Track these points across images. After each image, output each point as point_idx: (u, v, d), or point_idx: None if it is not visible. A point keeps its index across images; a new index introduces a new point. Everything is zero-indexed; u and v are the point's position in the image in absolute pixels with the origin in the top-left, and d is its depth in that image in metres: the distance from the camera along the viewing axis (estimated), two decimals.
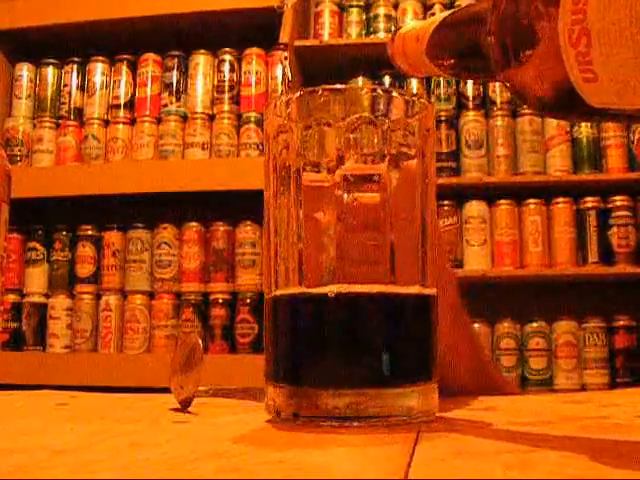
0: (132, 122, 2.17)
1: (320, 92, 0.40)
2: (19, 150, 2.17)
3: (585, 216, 2.05)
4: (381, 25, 2.19)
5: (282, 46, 2.06)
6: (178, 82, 2.16)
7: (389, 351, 0.38)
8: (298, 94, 0.40)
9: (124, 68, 2.19)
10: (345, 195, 0.38)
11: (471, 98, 2.16)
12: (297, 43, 2.09)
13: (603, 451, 0.30)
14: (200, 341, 0.47)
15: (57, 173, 2.13)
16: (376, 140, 0.38)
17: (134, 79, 2.19)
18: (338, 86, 0.40)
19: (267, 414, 0.40)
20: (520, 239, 2.06)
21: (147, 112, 2.15)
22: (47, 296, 2.12)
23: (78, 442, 0.34)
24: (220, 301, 2.04)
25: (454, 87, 2.17)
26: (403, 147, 0.39)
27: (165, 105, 2.15)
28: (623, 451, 0.30)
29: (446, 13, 0.41)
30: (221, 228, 2.08)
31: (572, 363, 1.97)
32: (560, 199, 2.06)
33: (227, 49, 2.15)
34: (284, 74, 2.06)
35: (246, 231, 2.06)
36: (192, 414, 0.44)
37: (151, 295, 2.08)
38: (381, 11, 2.20)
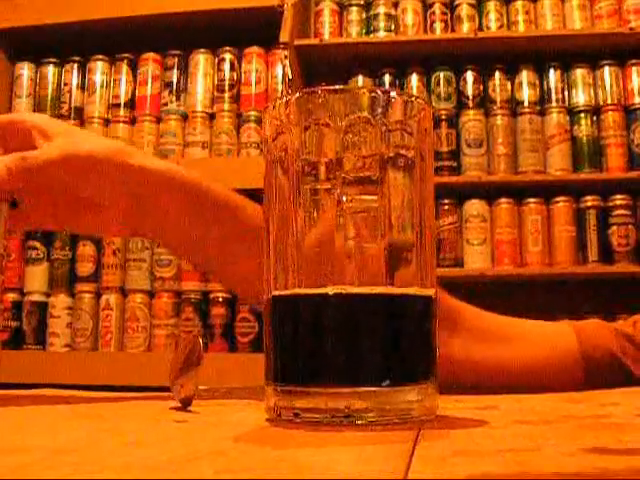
0: (132, 121, 2.17)
1: (319, 93, 0.40)
2: None
3: (585, 215, 2.05)
4: (381, 24, 2.19)
5: (282, 45, 2.05)
6: (178, 81, 2.16)
7: (389, 351, 0.38)
8: (297, 95, 0.41)
9: (124, 67, 2.19)
10: (344, 196, 0.38)
11: (471, 97, 2.16)
12: (297, 42, 2.08)
13: (603, 450, 0.30)
14: (200, 340, 0.47)
15: None
16: (374, 141, 0.39)
17: (134, 78, 2.19)
18: (337, 87, 0.40)
19: (267, 413, 0.40)
20: (520, 238, 2.06)
21: (147, 111, 2.15)
22: (47, 295, 2.12)
23: (78, 441, 0.35)
24: (220, 300, 2.04)
25: (454, 86, 2.17)
26: (401, 148, 0.39)
27: (165, 104, 2.15)
28: (623, 450, 0.30)
29: None
30: None
31: None
32: (560, 198, 2.06)
33: (227, 48, 2.15)
34: (284, 73, 2.06)
35: None
36: (192, 413, 0.44)
37: (151, 294, 2.08)
38: (381, 10, 2.20)
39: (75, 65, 2.22)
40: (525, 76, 2.17)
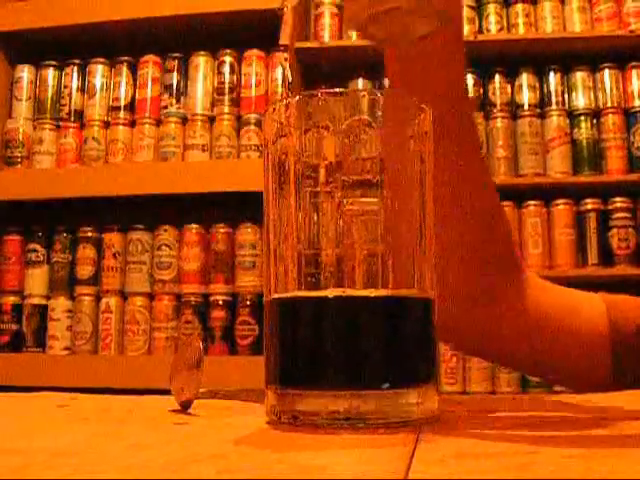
0: (132, 124, 2.17)
1: (319, 96, 0.40)
2: (19, 152, 2.17)
3: (585, 218, 2.05)
4: None
5: (282, 48, 2.06)
6: (178, 84, 2.16)
7: (388, 353, 0.38)
8: (297, 98, 0.41)
9: (124, 70, 2.20)
10: (344, 199, 0.38)
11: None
12: (297, 45, 2.09)
13: (603, 452, 0.30)
14: (200, 343, 0.47)
15: (57, 175, 2.13)
16: (374, 144, 0.39)
17: (134, 81, 2.19)
18: (337, 90, 0.40)
19: (267, 416, 0.40)
20: (520, 241, 2.06)
21: (147, 114, 2.15)
22: (47, 298, 2.12)
23: (78, 444, 0.35)
24: (220, 303, 2.04)
25: None
26: (401, 151, 0.39)
27: (165, 107, 2.16)
28: (623, 452, 0.30)
29: None
30: (221, 230, 2.08)
31: None
32: (560, 201, 2.06)
33: (227, 50, 2.15)
34: (284, 76, 2.07)
35: (246, 233, 2.06)
36: (192, 416, 0.44)
37: (151, 297, 2.08)
38: None
39: (75, 68, 2.22)
40: (525, 79, 2.17)
